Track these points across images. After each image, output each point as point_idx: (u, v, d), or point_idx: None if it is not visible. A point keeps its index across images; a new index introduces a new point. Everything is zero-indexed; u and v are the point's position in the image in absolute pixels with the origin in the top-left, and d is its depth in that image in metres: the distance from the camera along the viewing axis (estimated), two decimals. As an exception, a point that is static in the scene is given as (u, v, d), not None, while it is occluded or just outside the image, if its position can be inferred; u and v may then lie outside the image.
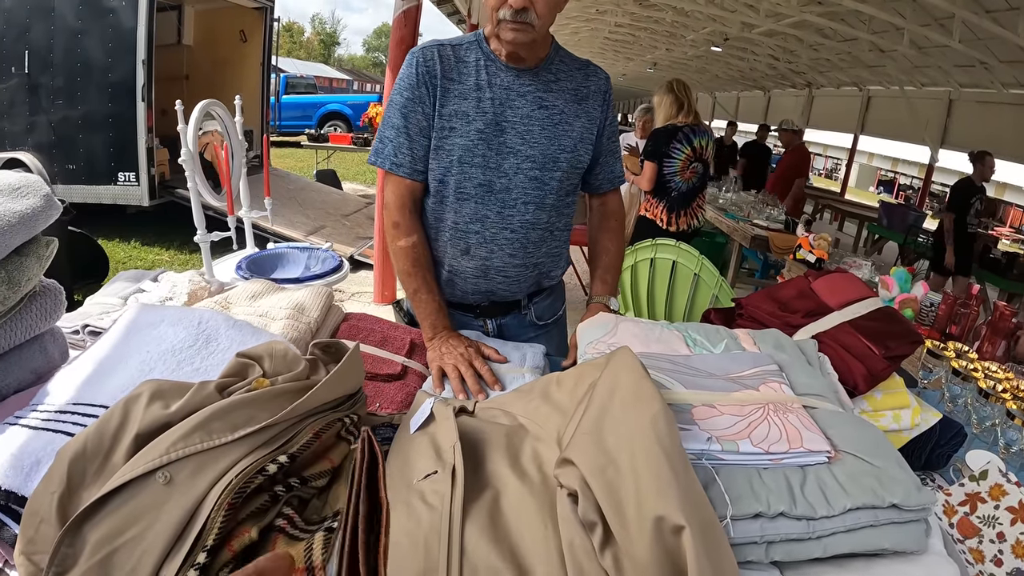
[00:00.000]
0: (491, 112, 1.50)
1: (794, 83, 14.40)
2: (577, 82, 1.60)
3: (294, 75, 19.74)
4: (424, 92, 1.50)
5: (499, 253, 1.59)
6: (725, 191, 6.79)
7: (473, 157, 1.51)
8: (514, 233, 1.57)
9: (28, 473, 0.86)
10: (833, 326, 1.38)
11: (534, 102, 1.53)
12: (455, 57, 1.53)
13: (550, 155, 1.55)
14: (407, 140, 1.52)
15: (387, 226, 1.60)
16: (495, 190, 1.54)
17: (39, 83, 6.92)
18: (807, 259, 4.19)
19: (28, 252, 1.11)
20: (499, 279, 1.63)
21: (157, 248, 6.87)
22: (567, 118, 1.57)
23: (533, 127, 1.53)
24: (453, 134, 1.51)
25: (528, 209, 1.56)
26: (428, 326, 1.50)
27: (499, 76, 1.53)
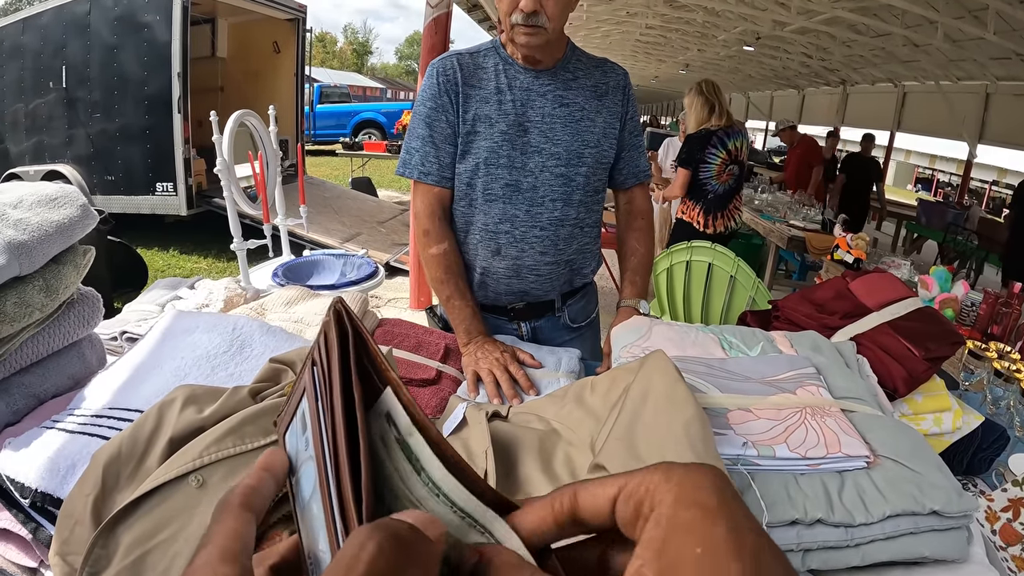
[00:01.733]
0: (513, 113, 1.53)
1: (828, 81, 14.17)
2: (595, 79, 1.61)
3: (328, 85, 19.98)
4: (446, 100, 1.53)
5: (530, 251, 1.60)
6: (761, 192, 6.70)
7: (499, 158, 1.53)
8: (543, 231, 1.59)
9: (64, 476, 0.87)
10: (872, 327, 1.35)
11: (555, 100, 1.55)
12: (473, 64, 1.56)
13: (574, 151, 1.57)
14: (433, 148, 1.55)
15: (417, 234, 1.62)
16: (522, 189, 1.55)
17: (77, 97, 7.12)
18: (845, 259, 4.11)
19: (66, 261, 1.14)
20: (531, 278, 1.64)
21: (195, 256, 7.00)
22: (588, 114, 1.58)
23: (555, 125, 1.55)
24: (478, 137, 1.53)
25: (556, 206, 1.58)
26: (463, 331, 1.51)
27: (518, 78, 1.55)
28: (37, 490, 0.86)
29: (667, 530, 0.28)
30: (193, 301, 1.67)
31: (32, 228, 1.06)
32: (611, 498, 0.32)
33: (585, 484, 0.34)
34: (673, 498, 0.29)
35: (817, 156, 7.98)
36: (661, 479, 0.30)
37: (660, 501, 0.29)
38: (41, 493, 0.86)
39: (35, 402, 1.15)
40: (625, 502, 0.31)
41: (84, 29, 6.97)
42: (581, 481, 0.34)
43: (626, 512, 0.31)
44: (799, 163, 7.86)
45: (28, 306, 1.06)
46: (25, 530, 0.88)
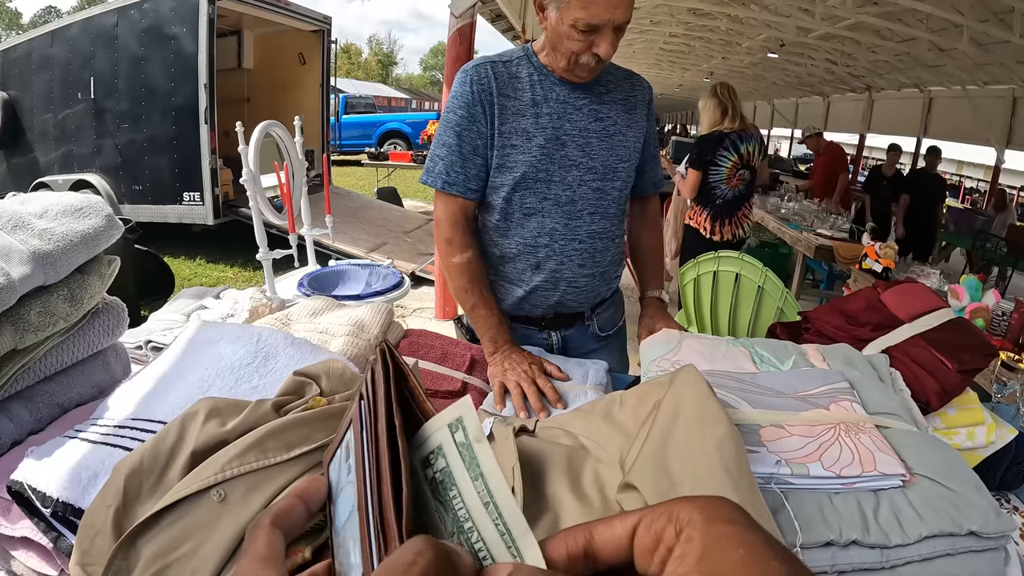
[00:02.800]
0: (550, 127, 1.51)
1: (853, 87, 14.01)
2: (625, 92, 1.61)
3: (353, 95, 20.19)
4: (480, 111, 1.50)
5: (568, 264, 1.59)
6: (787, 201, 6.62)
7: (537, 172, 1.52)
8: (582, 244, 1.59)
9: (85, 486, 0.87)
10: (904, 339, 1.32)
11: (590, 115, 1.54)
12: (507, 73, 1.53)
13: (609, 166, 1.57)
14: (459, 159, 1.53)
15: (439, 243, 1.61)
16: (561, 203, 1.55)
17: (105, 108, 7.26)
18: (873, 269, 4.05)
19: (90, 271, 1.14)
20: (569, 290, 1.63)
21: (221, 265, 7.07)
22: (621, 128, 1.58)
23: (591, 139, 1.54)
24: (515, 151, 1.51)
25: (594, 219, 1.58)
26: (488, 341, 1.49)
27: (554, 90, 1.53)
28: (59, 500, 0.86)
29: (704, 541, 0.29)
30: (218, 311, 1.67)
31: (57, 238, 1.06)
32: (631, 527, 0.33)
33: (601, 520, 0.35)
34: (704, 517, 0.30)
35: (843, 163, 7.90)
36: (685, 505, 0.32)
37: (690, 521, 0.30)
38: (62, 503, 0.86)
39: (59, 411, 1.16)
40: (646, 529, 0.32)
41: (112, 41, 7.11)
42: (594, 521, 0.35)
43: (646, 539, 0.32)
44: (825, 170, 7.78)
45: (52, 315, 1.06)
46: (46, 539, 0.88)
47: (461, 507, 0.37)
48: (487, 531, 0.36)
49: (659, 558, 0.31)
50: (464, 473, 0.37)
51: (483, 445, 0.37)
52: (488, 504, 0.36)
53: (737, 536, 0.29)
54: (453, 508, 0.37)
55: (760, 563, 0.28)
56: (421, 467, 0.40)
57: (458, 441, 0.37)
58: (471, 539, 0.36)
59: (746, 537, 0.29)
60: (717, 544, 0.29)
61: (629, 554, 0.33)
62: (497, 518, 0.35)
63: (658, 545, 0.31)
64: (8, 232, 1.05)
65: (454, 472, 0.37)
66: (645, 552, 0.32)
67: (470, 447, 0.37)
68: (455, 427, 0.38)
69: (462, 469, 0.37)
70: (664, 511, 0.32)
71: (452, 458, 0.38)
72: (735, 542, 0.29)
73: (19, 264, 1.01)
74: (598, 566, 0.34)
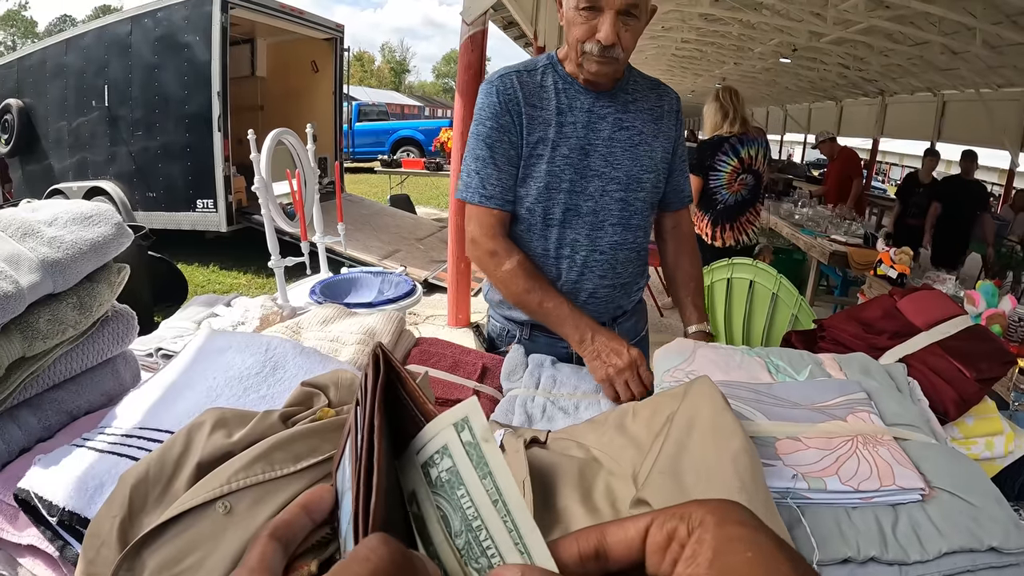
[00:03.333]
0: (575, 137, 1.49)
1: (866, 91, 13.92)
2: (652, 102, 1.58)
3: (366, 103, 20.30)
4: (509, 120, 1.48)
5: (589, 275, 1.57)
6: (801, 206, 6.58)
7: (560, 183, 1.50)
8: (603, 255, 1.56)
9: (92, 495, 0.86)
10: (921, 348, 1.30)
11: (615, 124, 1.52)
12: (532, 82, 1.51)
13: (634, 176, 1.54)
14: (495, 170, 1.50)
15: (482, 258, 1.56)
16: (582, 213, 1.52)
17: (119, 115, 7.35)
18: (888, 274, 4.01)
19: (100, 279, 1.14)
20: (590, 301, 1.60)
21: (235, 272, 7.11)
22: (646, 138, 1.55)
23: (616, 149, 1.52)
24: (540, 161, 1.49)
25: (616, 231, 1.55)
26: (572, 330, 1.44)
27: (579, 99, 1.51)
28: (65, 509, 0.86)
29: (715, 542, 0.30)
30: (229, 319, 1.67)
31: (66, 246, 1.06)
32: (643, 528, 0.34)
33: (612, 521, 0.36)
34: (716, 519, 0.31)
35: (857, 168, 7.85)
36: (697, 507, 0.33)
37: (702, 522, 0.31)
38: (69, 512, 0.86)
39: (68, 418, 1.15)
40: (659, 528, 0.33)
41: (126, 49, 7.19)
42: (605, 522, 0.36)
43: (658, 539, 0.33)
44: (839, 175, 7.73)
45: (61, 323, 1.06)
46: (53, 548, 0.88)
47: (470, 506, 0.37)
48: (496, 529, 0.36)
49: (671, 557, 0.32)
50: (472, 472, 0.37)
51: (491, 444, 0.37)
52: (497, 502, 0.36)
53: (747, 538, 0.30)
54: (461, 507, 0.37)
55: (768, 565, 0.29)
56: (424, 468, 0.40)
57: (465, 440, 0.38)
58: (479, 537, 0.36)
59: (756, 539, 0.30)
60: (728, 546, 0.30)
61: (641, 554, 0.33)
62: (506, 515, 0.36)
63: (670, 544, 0.32)
64: (17, 240, 1.05)
65: (461, 471, 0.38)
66: (657, 551, 0.33)
67: (478, 446, 0.37)
68: (461, 427, 0.38)
69: (470, 468, 0.37)
70: (677, 512, 0.33)
71: (459, 457, 0.38)
72: (745, 544, 0.30)
73: (28, 272, 1.01)
74: (609, 566, 0.35)
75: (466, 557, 0.37)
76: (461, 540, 0.37)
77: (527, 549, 0.35)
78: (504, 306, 1.70)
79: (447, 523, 0.38)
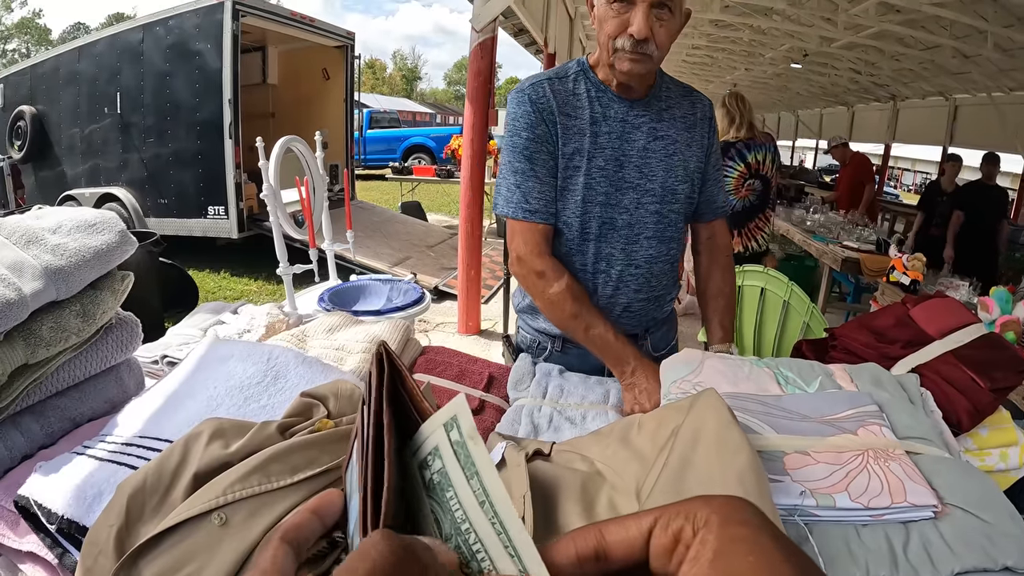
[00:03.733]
0: (609, 147, 1.44)
1: (877, 96, 13.84)
2: (685, 110, 1.54)
3: (378, 110, 20.39)
4: (545, 130, 1.43)
5: (624, 290, 1.53)
6: (813, 212, 6.53)
7: (596, 195, 1.45)
8: (639, 269, 1.52)
9: (90, 504, 0.86)
10: (934, 357, 1.27)
11: (649, 133, 1.47)
12: (564, 90, 1.46)
13: (669, 187, 1.49)
14: (537, 183, 1.44)
15: (527, 277, 1.50)
16: (617, 227, 1.48)
17: (131, 122, 7.42)
18: (901, 281, 3.96)
19: (103, 286, 1.14)
20: (624, 315, 1.56)
21: (246, 279, 7.13)
22: (680, 148, 1.50)
23: (650, 160, 1.47)
24: (577, 173, 1.45)
25: (651, 244, 1.51)
26: (614, 360, 1.40)
27: (612, 108, 1.46)
28: (63, 516, 0.86)
29: (717, 543, 0.30)
30: (235, 326, 1.67)
31: (70, 253, 1.06)
32: (646, 529, 0.33)
33: (612, 520, 0.35)
34: (720, 519, 0.31)
35: (869, 174, 7.78)
36: (701, 505, 0.32)
37: (707, 522, 0.31)
38: (67, 520, 0.86)
39: (71, 425, 1.15)
40: (663, 530, 0.32)
41: (137, 57, 7.25)
42: (604, 520, 0.35)
43: (663, 540, 0.32)
44: (851, 181, 7.66)
45: (64, 331, 1.06)
46: (52, 555, 0.88)
47: (458, 508, 0.36)
48: (484, 531, 0.35)
49: (678, 558, 0.31)
50: (460, 473, 0.36)
51: (477, 443, 0.36)
52: (484, 503, 0.35)
53: (751, 539, 0.30)
54: (451, 509, 0.37)
55: (771, 568, 0.28)
56: (419, 469, 0.39)
57: (453, 440, 0.37)
58: (469, 540, 0.35)
59: (759, 541, 0.30)
60: (730, 548, 0.30)
61: (644, 554, 0.33)
62: (493, 517, 0.35)
63: (676, 545, 0.32)
64: (21, 247, 1.05)
65: (450, 472, 0.37)
66: (663, 553, 0.32)
67: (464, 445, 0.36)
68: (450, 426, 0.37)
69: (457, 469, 0.36)
70: (681, 511, 0.32)
71: (447, 458, 0.37)
72: (747, 546, 0.30)
73: (31, 279, 1.01)
74: (609, 567, 0.34)
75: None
76: (451, 544, 0.36)
77: (517, 553, 0.34)
78: (535, 317, 1.65)
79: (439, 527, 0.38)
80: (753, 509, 0.32)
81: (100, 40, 7.77)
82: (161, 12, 7.23)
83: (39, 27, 42.98)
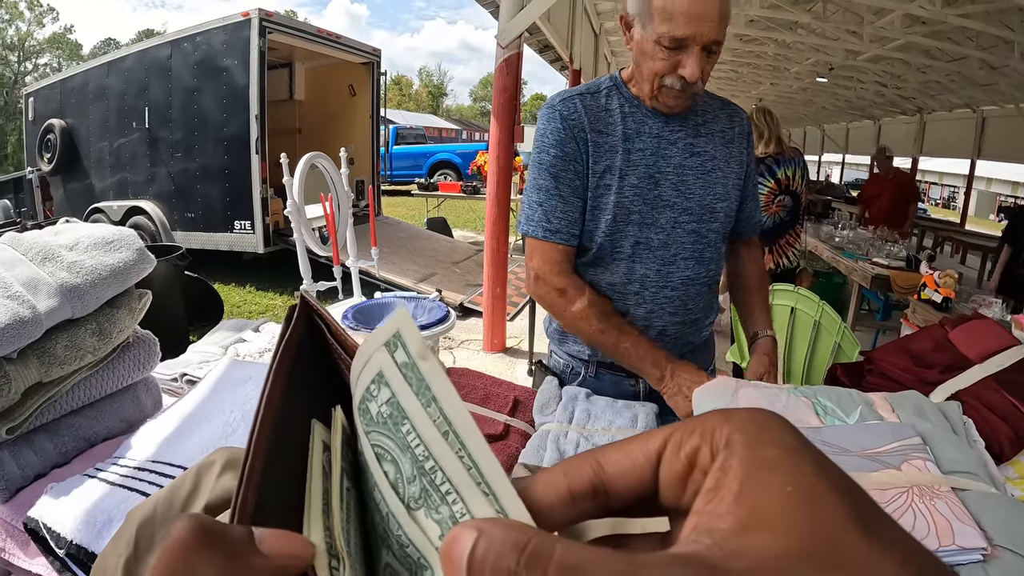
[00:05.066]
0: (643, 165, 1.39)
1: (904, 109, 13.67)
2: (723, 124, 1.48)
3: (404, 126, 20.49)
4: (575, 148, 1.38)
5: (659, 312, 1.47)
6: (841, 228, 6.42)
7: (629, 214, 1.40)
8: (675, 291, 1.45)
9: (100, 530, 0.85)
10: (974, 382, 1.22)
11: (685, 149, 1.41)
12: (596, 106, 1.41)
13: (707, 206, 1.43)
14: (560, 202, 1.40)
15: (547, 296, 1.45)
16: (653, 247, 1.42)
17: (159, 137, 7.52)
18: (933, 298, 3.85)
19: (120, 304, 1.12)
20: (658, 339, 1.49)
21: (271, 293, 7.16)
22: (719, 164, 1.44)
23: (687, 177, 1.41)
24: (608, 192, 1.39)
25: (688, 265, 1.45)
26: (651, 368, 1.37)
27: (647, 124, 1.41)
28: (72, 542, 0.85)
29: (743, 472, 0.23)
30: (256, 344, 1.65)
31: (86, 271, 1.05)
32: (654, 453, 0.27)
33: (611, 446, 0.28)
34: (745, 440, 0.24)
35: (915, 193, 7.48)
36: (720, 422, 0.25)
37: (729, 443, 0.25)
38: (76, 545, 0.85)
39: (85, 444, 1.14)
40: (674, 454, 0.26)
41: (166, 72, 7.36)
42: (602, 447, 0.28)
43: (676, 467, 0.26)
44: (894, 198, 7.32)
45: (79, 349, 1.05)
46: (60, 578, 0.87)
47: (418, 443, 0.30)
48: (451, 468, 0.29)
49: (693, 487, 0.25)
50: (414, 400, 0.29)
51: (430, 363, 0.29)
52: (447, 433, 0.29)
53: (784, 465, 0.23)
54: (409, 446, 0.30)
55: (814, 503, 0.22)
56: (360, 408, 0.33)
57: (399, 362, 0.30)
58: (436, 480, 0.29)
59: (796, 466, 0.23)
60: (759, 477, 0.23)
61: (652, 486, 0.27)
62: (460, 449, 0.28)
63: (692, 471, 0.25)
64: (37, 264, 1.04)
65: (402, 401, 0.30)
66: (676, 482, 0.26)
67: (415, 367, 0.29)
68: (393, 345, 0.30)
69: (410, 395, 0.30)
70: (695, 427, 0.26)
71: (397, 384, 0.30)
72: (780, 474, 0.23)
73: (46, 297, 0.99)
74: (610, 504, 0.27)
75: (425, 507, 0.30)
76: (415, 487, 0.30)
77: (492, 491, 0.28)
78: (567, 342, 1.60)
79: (399, 468, 0.31)
80: (785, 425, 0.25)
81: (129, 55, 7.90)
82: (189, 28, 7.34)
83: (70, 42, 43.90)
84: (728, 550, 0.22)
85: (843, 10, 7.78)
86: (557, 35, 7.45)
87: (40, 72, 39.26)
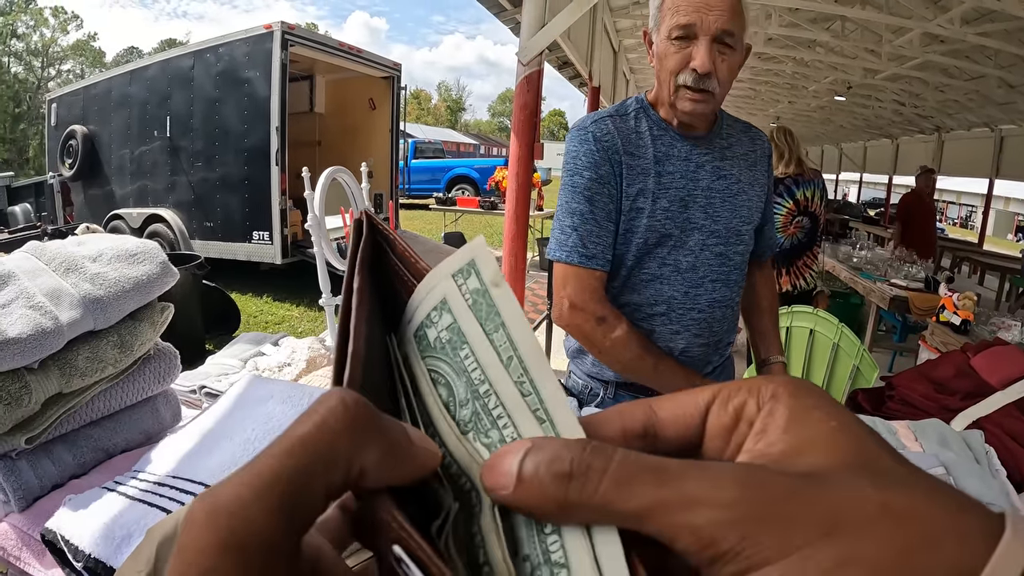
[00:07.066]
0: (674, 188, 1.39)
1: (922, 128, 13.59)
2: (746, 147, 1.49)
3: (422, 140, 20.63)
4: (609, 171, 1.38)
5: (685, 335, 1.46)
6: (859, 249, 6.37)
7: (659, 237, 1.40)
8: (701, 313, 1.45)
9: (119, 545, 0.84)
10: (996, 409, 1.21)
11: (712, 172, 1.42)
12: (627, 128, 1.41)
13: (733, 228, 1.44)
14: (596, 227, 1.38)
15: (584, 325, 1.42)
16: (681, 269, 1.42)
17: (179, 146, 7.62)
18: (952, 321, 3.81)
19: (143, 317, 1.13)
20: (681, 359, 1.49)
21: (288, 304, 7.19)
22: (744, 187, 1.45)
23: (715, 199, 1.42)
24: (640, 215, 1.39)
25: (715, 287, 1.45)
26: (684, 386, 1.36)
27: (675, 147, 1.41)
28: (91, 555, 0.84)
29: (789, 412, 0.26)
30: (276, 359, 1.65)
31: (109, 283, 1.06)
32: (704, 404, 0.29)
33: (663, 396, 0.30)
34: (790, 391, 0.27)
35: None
36: (765, 381, 0.28)
37: (775, 395, 0.27)
38: (94, 559, 0.84)
39: (104, 455, 1.14)
40: (722, 406, 0.28)
41: (188, 82, 7.46)
42: (655, 397, 0.30)
43: (723, 419, 0.28)
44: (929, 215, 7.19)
45: (101, 361, 1.05)
46: (76, 592, 0.86)
47: (475, 367, 0.30)
48: (507, 393, 0.29)
49: (738, 439, 0.27)
50: (477, 327, 0.30)
51: (502, 289, 0.30)
52: (511, 359, 0.29)
53: (828, 408, 0.26)
54: (466, 370, 0.31)
55: (855, 437, 0.25)
56: (416, 334, 0.33)
57: (471, 288, 0.31)
58: (488, 405, 0.30)
59: (838, 410, 0.26)
60: (805, 414, 0.26)
61: (699, 434, 0.29)
62: (521, 375, 0.29)
63: (737, 424, 0.27)
64: (60, 275, 1.05)
65: (463, 327, 0.31)
66: (723, 432, 0.28)
67: (486, 293, 0.30)
68: (467, 272, 0.31)
69: (474, 322, 0.31)
70: (743, 385, 0.29)
71: (460, 311, 0.31)
72: (825, 413, 0.26)
73: (69, 308, 1.00)
74: (656, 446, 0.29)
75: (474, 431, 0.30)
76: (467, 410, 0.31)
77: (549, 416, 0.29)
78: (586, 362, 1.59)
79: (452, 392, 0.32)
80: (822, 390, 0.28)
81: (152, 65, 8.02)
82: (212, 39, 7.45)
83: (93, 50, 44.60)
84: (782, 467, 0.24)
85: (862, 29, 7.75)
86: (577, 52, 7.46)
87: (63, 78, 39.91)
